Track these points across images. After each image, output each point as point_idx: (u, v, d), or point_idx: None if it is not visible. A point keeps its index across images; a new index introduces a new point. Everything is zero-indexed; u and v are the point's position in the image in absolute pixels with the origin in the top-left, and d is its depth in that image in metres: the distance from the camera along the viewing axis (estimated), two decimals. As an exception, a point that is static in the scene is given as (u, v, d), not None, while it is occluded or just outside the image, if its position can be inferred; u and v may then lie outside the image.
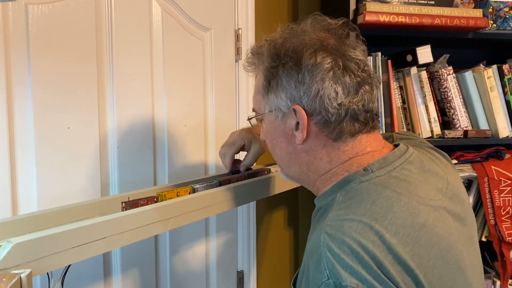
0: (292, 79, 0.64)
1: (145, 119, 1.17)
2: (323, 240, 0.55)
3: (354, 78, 0.63)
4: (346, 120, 0.64)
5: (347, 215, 0.58)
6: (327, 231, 0.56)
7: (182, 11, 1.23)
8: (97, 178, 1.08)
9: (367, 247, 0.53)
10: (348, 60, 0.64)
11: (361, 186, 0.62)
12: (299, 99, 0.64)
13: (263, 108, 0.71)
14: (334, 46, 0.65)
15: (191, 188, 0.89)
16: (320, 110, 0.63)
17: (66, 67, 1.02)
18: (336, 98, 0.62)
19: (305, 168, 0.69)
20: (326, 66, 0.62)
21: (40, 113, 0.99)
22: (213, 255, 1.36)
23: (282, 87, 0.65)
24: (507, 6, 1.45)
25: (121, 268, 1.13)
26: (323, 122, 0.64)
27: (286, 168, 0.73)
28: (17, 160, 0.97)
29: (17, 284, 0.51)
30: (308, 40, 0.65)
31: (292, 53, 0.64)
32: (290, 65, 0.64)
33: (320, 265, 0.54)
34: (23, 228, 0.69)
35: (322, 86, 0.62)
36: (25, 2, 0.95)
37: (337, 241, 0.54)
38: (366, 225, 0.55)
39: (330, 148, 0.66)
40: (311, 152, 0.67)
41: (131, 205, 0.77)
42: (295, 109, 0.64)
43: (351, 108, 0.63)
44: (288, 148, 0.69)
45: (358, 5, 1.30)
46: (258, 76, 0.71)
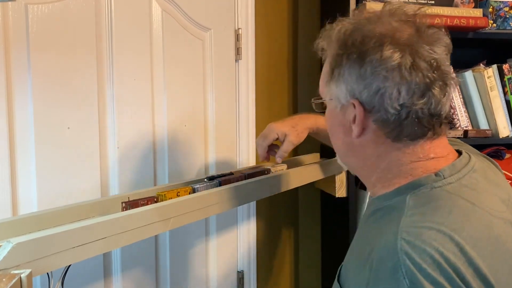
0: (354, 72, 0.60)
1: (145, 119, 1.17)
2: (400, 247, 0.52)
3: (423, 78, 0.58)
4: (406, 122, 0.59)
5: (424, 222, 0.54)
6: (404, 238, 0.52)
7: (182, 11, 1.23)
8: (97, 178, 1.08)
9: (449, 258, 0.51)
10: (419, 58, 0.58)
11: (434, 193, 0.58)
12: (359, 94, 0.60)
13: (325, 94, 0.68)
14: (407, 40, 0.59)
15: (191, 188, 0.89)
16: (379, 108, 0.59)
17: (66, 67, 1.02)
18: (398, 99, 0.58)
19: (361, 162, 0.66)
20: (391, 63, 0.57)
21: (40, 113, 0.98)
22: (213, 255, 1.36)
23: (343, 78, 0.62)
24: (507, 6, 1.45)
25: (121, 268, 1.13)
26: (382, 121, 0.60)
27: (343, 157, 0.71)
28: (17, 160, 0.97)
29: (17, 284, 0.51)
30: (379, 30, 0.60)
31: (359, 44, 0.60)
32: (354, 57, 0.60)
33: (398, 273, 0.51)
34: (23, 228, 0.69)
35: (384, 84, 0.58)
36: (25, 2, 0.95)
37: (417, 249, 0.51)
38: (446, 235, 0.53)
39: (389, 147, 0.62)
40: (368, 148, 0.63)
41: (131, 205, 0.77)
42: (353, 102, 0.61)
43: (414, 111, 0.58)
44: (345, 139, 0.66)
45: (358, 5, 1.30)
46: (326, 60, 0.68)
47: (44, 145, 0.99)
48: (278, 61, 1.56)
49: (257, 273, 1.47)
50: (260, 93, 1.47)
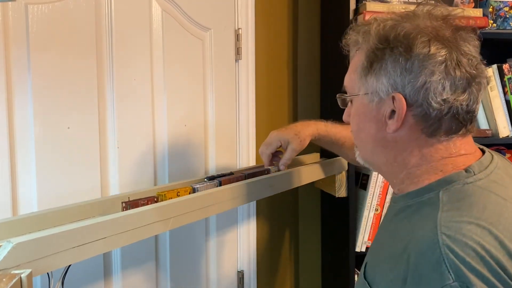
0: (399, 66, 0.60)
1: (145, 119, 1.17)
2: (442, 241, 0.53)
3: (465, 74, 0.60)
4: (446, 118, 0.61)
5: (462, 217, 0.55)
6: (445, 232, 0.54)
7: (182, 11, 1.23)
8: (97, 178, 1.08)
9: (491, 252, 0.52)
10: (462, 54, 0.60)
11: (466, 188, 0.59)
12: (402, 87, 0.61)
13: (357, 89, 0.67)
14: (450, 38, 0.61)
15: (191, 188, 0.89)
16: (422, 102, 0.60)
17: (66, 67, 1.02)
18: (442, 94, 0.59)
19: (391, 158, 0.66)
20: (439, 58, 0.59)
21: (40, 113, 0.98)
22: (213, 255, 1.36)
23: (385, 71, 0.62)
24: (507, 6, 1.45)
25: (121, 268, 1.13)
26: (422, 116, 0.61)
27: (369, 154, 0.70)
28: (17, 160, 0.97)
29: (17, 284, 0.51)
30: (422, 27, 0.61)
31: (403, 38, 0.61)
32: (400, 50, 0.60)
33: (441, 267, 0.52)
34: (23, 228, 0.69)
35: (431, 78, 0.59)
36: (25, 2, 0.95)
37: (459, 243, 0.52)
38: (485, 229, 0.54)
39: (423, 143, 0.63)
40: (401, 144, 0.64)
41: (131, 205, 0.77)
42: (394, 96, 0.61)
43: (455, 106, 0.60)
44: (376, 135, 0.66)
45: (358, 5, 1.30)
46: (358, 55, 0.68)
47: (44, 145, 0.99)
48: (278, 61, 1.56)
49: (257, 273, 1.47)
50: (260, 93, 1.47)
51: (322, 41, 1.59)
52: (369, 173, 1.36)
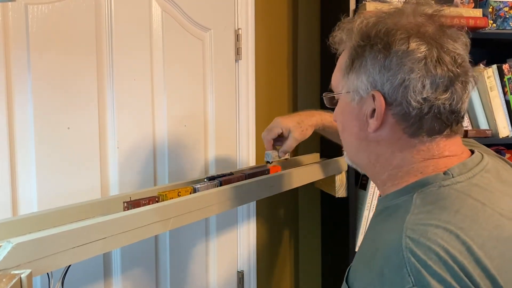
0: (378, 63, 0.59)
1: (145, 119, 1.16)
2: (405, 245, 0.51)
3: (447, 73, 0.58)
4: (427, 117, 0.59)
5: (430, 220, 0.54)
6: (409, 235, 0.52)
7: (182, 11, 1.23)
8: (97, 178, 1.08)
9: (455, 256, 0.50)
10: (444, 52, 0.58)
11: (441, 191, 0.57)
12: (381, 86, 0.59)
13: (340, 88, 0.67)
14: (432, 34, 0.59)
15: (192, 188, 0.89)
16: (401, 101, 0.58)
17: (66, 67, 1.02)
18: (422, 92, 0.57)
19: (373, 158, 0.65)
20: (418, 55, 0.57)
21: (40, 113, 0.98)
22: (213, 255, 1.36)
23: (365, 69, 0.61)
24: (507, 6, 1.45)
25: (121, 268, 1.13)
26: (402, 115, 0.59)
27: (353, 154, 0.69)
28: (17, 160, 0.97)
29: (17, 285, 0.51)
30: (404, 23, 0.60)
31: (383, 35, 0.59)
32: (379, 47, 0.59)
33: (402, 270, 0.50)
34: (23, 228, 0.69)
35: (409, 76, 0.57)
36: (25, 2, 0.95)
37: (422, 246, 0.51)
38: (452, 233, 0.52)
39: (404, 143, 0.61)
40: (383, 143, 0.63)
41: (133, 205, 0.77)
42: (374, 95, 0.60)
43: (436, 105, 0.58)
44: (359, 134, 0.65)
45: (358, 5, 1.30)
46: (343, 53, 0.68)
47: (44, 145, 0.99)
48: (278, 61, 1.56)
49: (257, 273, 1.47)
50: (260, 93, 1.47)
51: (322, 41, 1.59)
52: (369, 173, 1.36)
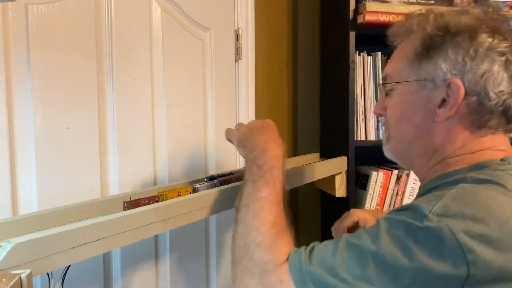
0: (461, 52, 0.60)
1: (145, 119, 1.16)
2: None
3: None
4: (497, 111, 0.61)
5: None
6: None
7: (182, 11, 1.23)
8: (97, 178, 1.08)
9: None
10: None
11: (496, 173, 0.58)
12: (461, 74, 0.60)
13: (405, 76, 0.66)
14: (509, 33, 0.62)
15: (192, 188, 0.89)
16: (479, 91, 0.60)
17: (66, 67, 1.02)
18: (500, 85, 0.60)
19: (431, 149, 0.66)
20: (501, 49, 0.60)
21: (40, 113, 0.98)
22: (213, 255, 1.36)
23: (444, 57, 0.62)
24: (507, 6, 1.45)
25: (121, 268, 1.13)
26: (477, 105, 0.61)
27: (406, 145, 0.69)
28: (17, 160, 0.97)
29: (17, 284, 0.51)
30: (483, 19, 0.62)
31: (465, 27, 0.61)
32: (463, 37, 0.61)
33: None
34: (23, 228, 0.69)
35: (491, 68, 0.59)
36: (25, 2, 0.95)
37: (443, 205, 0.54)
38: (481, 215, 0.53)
39: (468, 134, 0.63)
40: (447, 133, 0.64)
41: (133, 205, 0.77)
42: (452, 82, 0.61)
43: (508, 101, 0.60)
44: (422, 124, 0.65)
45: (358, 5, 1.30)
46: (408, 43, 0.68)
47: (44, 145, 0.99)
48: (278, 61, 1.56)
49: (257, 273, 1.47)
50: (260, 93, 1.47)
51: (322, 41, 1.59)
52: (369, 173, 1.36)
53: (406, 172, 1.37)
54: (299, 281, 0.58)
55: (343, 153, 1.34)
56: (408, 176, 1.37)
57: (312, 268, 0.58)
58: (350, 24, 1.30)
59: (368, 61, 1.36)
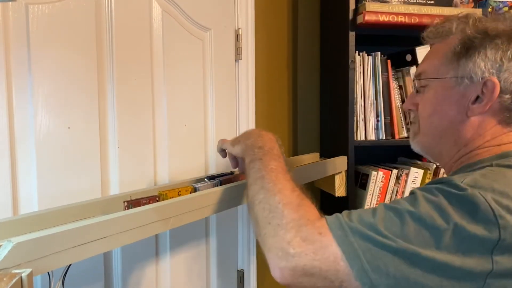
0: (499, 53, 0.65)
1: (145, 119, 1.17)
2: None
3: None
4: None
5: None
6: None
7: (182, 11, 1.23)
8: (97, 178, 1.08)
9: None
10: None
11: None
12: (498, 73, 0.65)
13: (443, 73, 0.71)
14: None
15: (192, 187, 0.89)
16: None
17: (67, 67, 1.02)
18: None
19: (461, 142, 0.70)
20: None
21: (41, 112, 0.99)
22: (213, 254, 1.36)
23: (483, 57, 0.66)
24: (506, 6, 1.45)
25: (122, 267, 1.14)
26: (510, 103, 0.66)
27: (435, 139, 0.74)
28: (17, 159, 0.97)
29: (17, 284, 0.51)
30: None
31: (503, 31, 0.66)
32: (502, 40, 0.66)
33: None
34: (24, 227, 0.69)
35: None
36: (25, 2, 0.95)
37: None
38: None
39: (499, 129, 0.68)
40: (478, 128, 0.68)
41: (133, 204, 0.77)
42: (489, 80, 0.66)
43: None
44: (454, 118, 0.70)
45: (357, 5, 1.30)
46: (445, 43, 0.73)
47: (45, 145, 0.99)
48: (278, 61, 1.56)
49: (257, 272, 1.48)
50: (260, 93, 1.47)
51: (322, 41, 1.59)
52: (369, 173, 1.36)
53: (406, 172, 1.38)
54: (340, 235, 0.59)
55: (343, 152, 1.34)
56: (407, 176, 1.38)
57: (353, 224, 0.59)
58: (350, 24, 1.30)
59: (368, 61, 1.36)
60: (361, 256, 0.56)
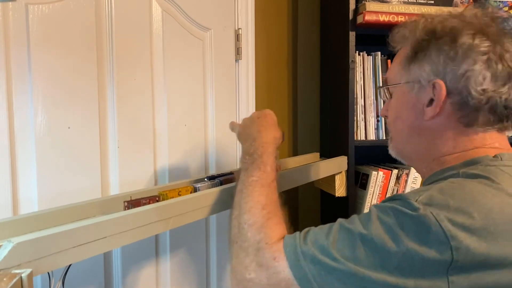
0: (443, 54, 0.64)
1: (145, 119, 1.17)
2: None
3: (507, 69, 0.62)
4: (484, 109, 0.62)
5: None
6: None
7: (182, 11, 1.23)
8: (97, 178, 1.08)
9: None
10: (505, 50, 0.62)
11: (487, 169, 0.60)
12: (443, 75, 0.64)
13: (399, 79, 0.71)
14: (496, 34, 0.63)
15: (193, 187, 0.89)
16: (461, 90, 0.62)
17: (67, 67, 1.02)
18: (482, 83, 0.61)
19: (424, 146, 0.69)
20: (482, 49, 0.61)
21: (41, 113, 0.99)
22: (213, 255, 1.36)
23: (429, 59, 0.65)
24: (507, 6, 1.45)
25: (122, 267, 1.14)
26: (460, 104, 0.63)
27: (403, 144, 0.73)
28: (17, 160, 0.97)
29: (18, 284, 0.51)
30: (469, 21, 0.64)
31: (449, 30, 0.64)
32: (445, 40, 0.64)
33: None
34: (24, 227, 0.69)
35: (472, 67, 0.61)
36: (25, 2, 0.95)
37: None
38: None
39: (458, 132, 0.65)
40: (437, 131, 0.67)
41: (133, 204, 0.77)
42: (435, 83, 0.64)
43: (493, 98, 0.62)
44: (414, 123, 0.69)
45: (357, 4, 1.30)
46: (403, 48, 0.72)
47: (45, 145, 0.99)
48: (278, 61, 1.56)
49: (257, 273, 1.47)
50: (260, 93, 1.47)
51: (322, 41, 1.59)
52: (369, 173, 1.36)
53: (406, 172, 1.38)
54: (293, 260, 0.61)
55: (343, 152, 1.34)
56: (407, 176, 1.38)
57: (306, 247, 0.61)
58: (350, 24, 1.30)
59: (368, 61, 1.37)
60: (312, 280, 0.58)
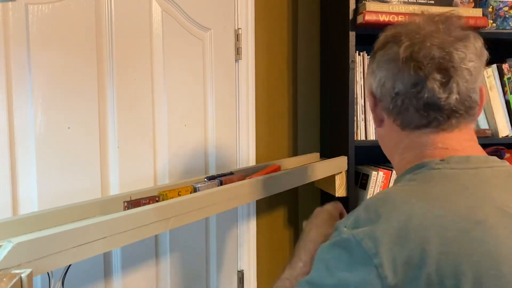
0: (370, 67, 0.69)
1: (145, 119, 1.17)
2: None
3: (417, 70, 0.60)
4: (403, 110, 0.64)
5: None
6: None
7: (182, 11, 1.23)
8: (97, 178, 1.08)
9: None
10: (423, 47, 0.60)
11: (428, 173, 0.60)
12: (371, 86, 0.69)
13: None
14: (423, 36, 0.61)
15: (193, 187, 0.89)
16: (381, 97, 0.66)
17: (66, 67, 1.02)
18: (394, 87, 0.63)
19: (387, 152, 0.74)
20: (390, 56, 0.64)
21: (41, 113, 0.99)
22: (213, 255, 1.36)
23: (369, 70, 0.70)
24: (506, 6, 1.45)
25: (122, 267, 1.13)
26: (386, 109, 0.67)
27: (381, 146, 0.77)
28: (17, 160, 0.97)
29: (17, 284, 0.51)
30: (399, 29, 0.66)
31: (378, 43, 0.68)
32: (375, 50, 0.68)
33: None
34: (24, 228, 0.69)
35: (385, 74, 0.64)
36: (25, 2, 0.95)
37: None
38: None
39: (398, 134, 0.67)
40: (386, 136, 0.71)
41: (133, 205, 0.77)
42: (372, 93, 0.69)
43: (407, 99, 0.62)
44: (376, 130, 0.75)
45: (357, 4, 1.30)
46: None
47: (45, 145, 0.99)
48: (278, 61, 1.56)
49: (257, 273, 1.47)
50: (260, 93, 1.47)
51: (322, 41, 1.59)
52: (369, 173, 1.36)
53: (406, 172, 1.37)
54: None
55: (343, 152, 1.34)
56: (408, 176, 1.37)
57: None
58: (350, 24, 1.30)
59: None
60: None
